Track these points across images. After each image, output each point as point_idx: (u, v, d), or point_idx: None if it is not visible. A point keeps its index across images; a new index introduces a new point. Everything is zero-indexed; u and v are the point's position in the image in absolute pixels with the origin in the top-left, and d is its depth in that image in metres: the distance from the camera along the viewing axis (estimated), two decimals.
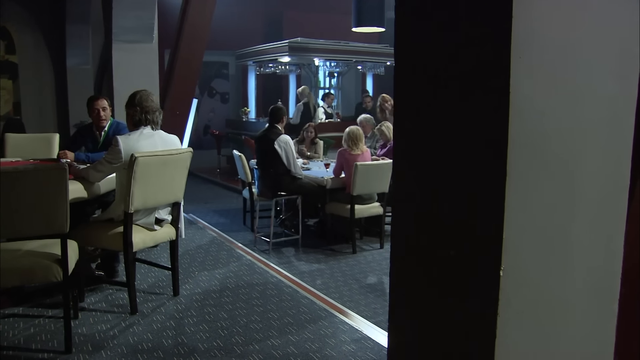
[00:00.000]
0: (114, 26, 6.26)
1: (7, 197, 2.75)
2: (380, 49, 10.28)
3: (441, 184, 1.63)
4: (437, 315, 1.67)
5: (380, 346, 3.23)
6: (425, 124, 1.67)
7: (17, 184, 2.75)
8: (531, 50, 1.40)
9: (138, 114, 3.61)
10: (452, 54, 1.51)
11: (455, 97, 1.52)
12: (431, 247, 1.73)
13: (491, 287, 1.49)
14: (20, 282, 2.95)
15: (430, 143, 1.64)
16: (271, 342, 3.23)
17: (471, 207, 1.56)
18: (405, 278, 1.86)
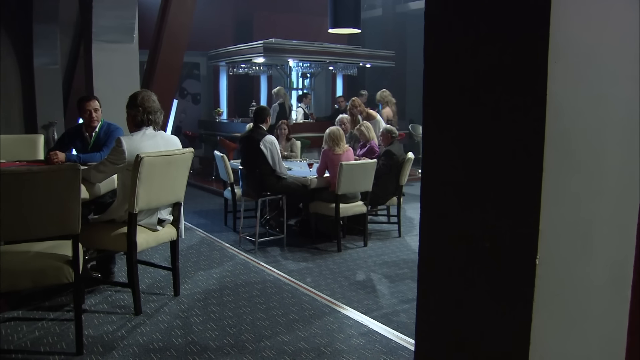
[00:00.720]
0: (94, 26, 6.18)
1: (21, 198, 2.73)
2: (353, 50, 10.43)
3: (478, 177, 1.71)
4: (470, 307, 1.74)
5: (388, 339, 3.34)
6: (463, 122, 1.76)
7: (31, 185, 2.74)
8: (565, 56, 1.51)
9: (140, 115, 3.61)
10: (492, 59, 1.60)
11: (497, 96, 1.62)
12: (463, 240, 1.82)
13: (527, 276, 1.59)
14: (32, 284, 2.93)
15: (468, 139, 1.71)
16: (281, 338, 3.30)
17: (509, 200, 1.66)
18: (435, 272, 1.95)
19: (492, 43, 1.59)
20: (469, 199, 1.74)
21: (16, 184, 2.71)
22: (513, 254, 1.64)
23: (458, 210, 1.81)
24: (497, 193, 1.65)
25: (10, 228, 2.77)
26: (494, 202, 1.67)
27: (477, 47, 1.64)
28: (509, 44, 1.57)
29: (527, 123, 1.56)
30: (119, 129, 4.77)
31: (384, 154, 6.39)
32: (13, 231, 2.80)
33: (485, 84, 1.68)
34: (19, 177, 2.71)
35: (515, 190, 1.61)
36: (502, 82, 1.61)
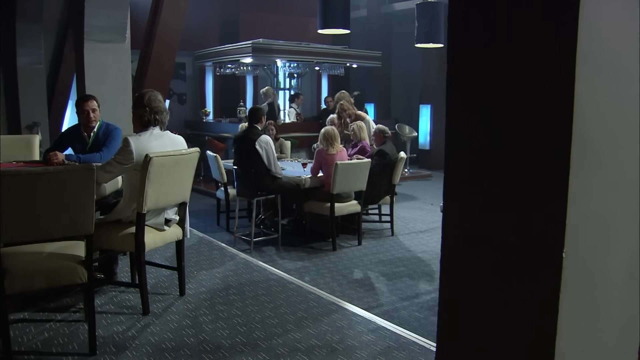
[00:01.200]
0: (86, 25, 6.14)
1: (37, 199, 2.73)
2: (340, 51, 10.50)
3: (506, 175, 1.76)
4: (495, 302, 1.78)
5: (397, 335, 3.40)
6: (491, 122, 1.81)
7: (47, 185, 2.73)
8: (591, 60, 1.58)
9: (147, 115, 3.61)
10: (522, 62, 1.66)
11: (527, 94, 1.67)
12: (488, 237, 1.87)
13: (554, 269, 1.66)
14: (46, 284, 2.91)
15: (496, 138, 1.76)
16: (292, 335, 3.34)
17: (538, 196, 1.72)
18: (458, 268, 2.00)
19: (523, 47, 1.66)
20: (495, 196, 1.80)
21: (32, 185, 2.70)
22: (540, 249, 1.71)
23: (483, 208, 1.87)
24: (525, 190, 1.71)
25: (25, 229, 2.76)
26: (522, 198, 1.73)
27: (507, 49, 1.70)
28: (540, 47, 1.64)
29: (555, 123, 1.62)
30: (118, 129, 4.75)
31: (377, 153, 6.45)
32: (28, 232, 2.79)
33: (515, 86, 1.74)
34: (35, 178, 2.71)
35: (544, 187, 1.67)
36: (531, 84, 1.68)
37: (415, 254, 5.76)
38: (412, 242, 6.24)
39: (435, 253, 5.78)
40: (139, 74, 6.88)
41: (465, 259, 1.95)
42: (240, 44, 9.43)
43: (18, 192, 2.68)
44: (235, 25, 11.55)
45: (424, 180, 10.85)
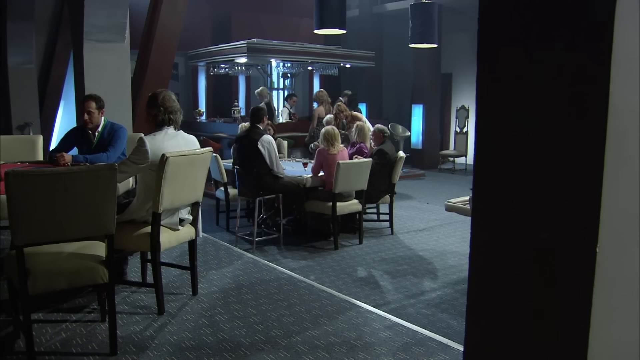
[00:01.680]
0: (86, 25, 6.10)
1: (60, 199, 2.72)
2: (334, 50, 10.54)
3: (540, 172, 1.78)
4: (525, 300, 1.79)
5: (414, 331, 3.44)
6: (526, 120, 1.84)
7: (70, 186, 2.73)
8: (624, 62, 1.63)
9: (162, 114, 3.61)
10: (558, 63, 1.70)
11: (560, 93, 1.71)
12: (518, 234, 1.90)
13: (587, 265, 1.70)
14: (68, 284, 2.91)
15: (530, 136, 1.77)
16: (310, 333, 3.37)
17: (572, 193, 1.76)
18: (487, 266, 2.03)
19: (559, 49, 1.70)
20: (526, 192, 1.84)
21: (56, 185, 2.70)
22: (572, 245, 1.75)
23: (513, 204, 1.91)
24: (558, 186, 1.75)
25: (48, 229, 2.76)
26: (554, 194, 1.77)
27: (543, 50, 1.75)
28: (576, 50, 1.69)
29: (591, 122, 1.67)
30: (123, 128, 4.75)
31: (376, 153, 6.50)
32: (51, 232, 2.78)
33: (550, 86, 1.79)
34: (59, 178, 2.70)
35: (577, 183, 1.71)
36: (567, 85, 1.72)
37: (417, 252, 5.81)
38: (412, 241, 6.30)
39: (436, 251, 5.85)
40: (138, 74, 6.85)
41: (494, 257, 1.98)
42: (235, 43, 9.43)
43: (41, 192, 2.68)
44: (227, 25, 11.54)
45: (418, 179, 10.93)
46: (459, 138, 11.56)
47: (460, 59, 12.18)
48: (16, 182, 2.60)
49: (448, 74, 12.39)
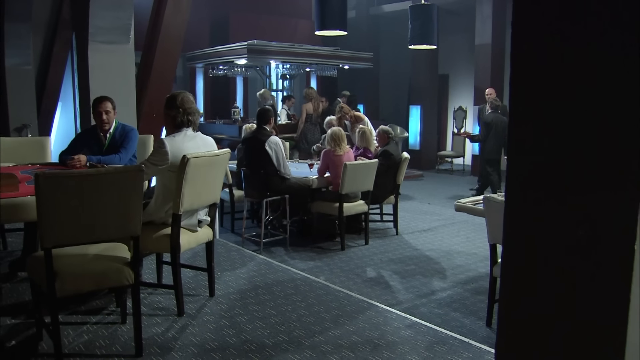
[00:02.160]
0: (91, 26, 6.08)
1: (88, 200, 2.72)
2: (333, 52, 10.57)
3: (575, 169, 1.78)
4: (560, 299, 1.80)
5: (434, 330, 3.47)
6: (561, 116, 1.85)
7: (98, 187, 2.73)
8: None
9: (180, 116, 3.61)
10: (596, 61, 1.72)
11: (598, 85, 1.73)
12: (554, 231, 1.92)
13: (625, 263, 1.73)
14: (95, 286, 2.91)
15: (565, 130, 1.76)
16: (332, 333, 3.38)
17: (609, 190, 1.78)
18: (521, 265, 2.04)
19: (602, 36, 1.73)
20: (562, 189, 1.86)
21: (83, 186, 2.69)
22: (610, 242, 1.78)
23: (549, 201, 1.93)
24: (594, 182, 1.77)
25: (75, 231, 2.75)
26: (590, 191, 1.79)
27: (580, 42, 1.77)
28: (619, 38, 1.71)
29: (629, 116, 1.70)
30: (134, 129, 4.74)
31: (381, 154, 6.54)
32: (78, 234, 2.78)
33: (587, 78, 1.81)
34: (86, 179, 2.70)
35: (616, 180, 1.73)
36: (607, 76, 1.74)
37: (423, 253, 5.85)
38: (417, 241, 6.34)
39: (442, 251, 5.89)
40: (141, 75, 6.83)
41: (529, 254, 2.00)
42: (235, 45, 9.43)
43: (71, 194, 2.67)
44: (225, 26, 11.53)
45: (417, 180, 10.99)
46: (456, 139, 11.64)
47: (457, 61, 12.27)
48: (46, 183, 2.60)
49: (445, 75, 12.48)
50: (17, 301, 3.81)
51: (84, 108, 6.27)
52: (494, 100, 8.66)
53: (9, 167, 4.44)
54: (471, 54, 11.77)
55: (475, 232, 6.78)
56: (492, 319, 3.88)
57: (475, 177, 10.72)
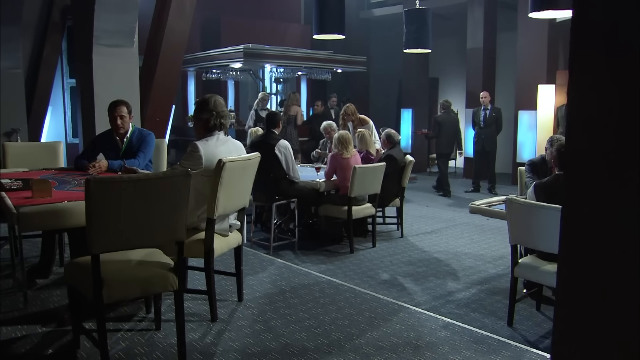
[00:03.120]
0: (95, 29, 6.01)
1: (138, 205, 2.69)
2: (327, 56, 10.61)
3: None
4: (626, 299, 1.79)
5: (470, 330, 3.52)
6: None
7: (148, 192, 2.70)
8: None
9: (213, 119, 3.59)
10: None
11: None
12: (612, 229, 1.95)
13: None
14: (140, 293, 2.87)
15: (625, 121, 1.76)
16: (370, 335, 3.40)
17: None
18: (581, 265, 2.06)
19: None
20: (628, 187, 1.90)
21: (133, 191, 2.66)
22: None
23: (612, 200, 1.97)
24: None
25: (125, 236, 2.72)
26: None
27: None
28: None
29: None
30: (151, 134, 4.70)
31: (385, 158, 6.58)
32: (126, 240, 2.74)
33: None
34: (136, 184, 2.67)
35: None
36: None
37: (431, 255, 5.90)
38: (423, 243, 6.39)
39: (450, 253, 5.95)
40: (144, 80, 6.76)
41: (590, 255, 2.03)
42: (231, 48, 9.40)
43: (121, 199, 2.64)
44: (216, 30, 11.48)
45: (410, 183, 11.01)
46: None
47: (447, 64, 12.42)
48: (97, 188, 2.56)
49: (435, 78, 12.62)
50: (42, 309, 3.74)
51: (87, 113, 6.18)
52: (444, 102, 9.66)
53: (23, 173, 4.36)
54: (460, 58, 11.93)
55: (478, 233, 6.87)
56: (512, 319, 3.94)
57: (467, 180, 10.87)
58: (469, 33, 10.79)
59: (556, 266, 3.74)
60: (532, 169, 5.19)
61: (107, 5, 5.93)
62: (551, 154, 4.99)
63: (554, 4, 5.43)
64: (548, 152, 5.07)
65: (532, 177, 5.11)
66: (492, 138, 9.21)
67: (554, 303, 1.90)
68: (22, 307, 3.74)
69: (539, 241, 3.77)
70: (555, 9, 5.46)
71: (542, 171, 5.14)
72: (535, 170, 5.16)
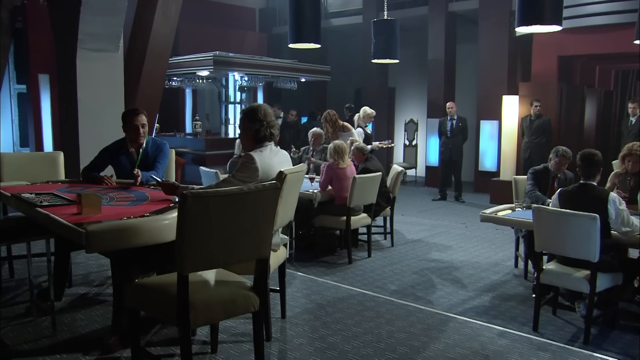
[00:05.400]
0: (80, 32, 5.68)
1: (231, 221, 2.52)
2: (293, 64, 10.54)
3: None
4: None
5: (527, 337, 3.56)
6: None
7: (242, 206, 2.53)
8: None
9: (264, 129, 3.42)
10: None
11: None
12: None
13: None
14: (225, 316, 2.67)
15: None
16: (434, 347, 3.36)
17: None
18: None
19: None
20: None
21: (229, 206, 2.49)
22: None
23: None
24: None
25: (215, 254, 2.53)
26: None
27: None
28: None
29: None
30: (166, 144, 4.47)
31: (361, 172, 6.51)
32: (216, 258, 2.56)
33: None
34: (234, 199, 2.49)
35: None
36: None
37: (429, 264, 5.90)
38: (415, 252, 6.41)
39: (445, 261, 5.99)
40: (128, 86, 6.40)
41: None
42: (200, 55, 9.12)
43: (216, 215, 2.46)
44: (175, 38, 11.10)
45: None
46: (408, 151, 11.98)
47: (404, 74, 12.66)
48: (194, 204, 2.37)
49: (392, 88, 12.82)
50: (74, 335, 3.43)
51: (69, 120, 5.77)
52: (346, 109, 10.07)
53: (26, 187, 3.98)
54: (417, 68, 12.20)
55: (463, 241, 6.99)
56: (538, 324, 4.00)
57: (429, 188, 11.09)
58: (430, 44, 11.06)
59: (585, 272, 3.89)
60: (535, 177, 5.36)
61: (93, 7, 5.59)
62: (556, 164, 5.18)
63: (541, 19, 5.64)
64: (552, 162, 5.25)
65: (534, 184, 5.28)
66: (459, 147, 9.44)
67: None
68: (50, 334, 3.41)
69: (569, 248, 3.88)
70: (542, 24, 5.66)
71: (543, 180, 5.32)
72: (537, 179, 5.33)
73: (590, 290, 3.76)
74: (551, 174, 5.31)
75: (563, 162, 5.19)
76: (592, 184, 4.17)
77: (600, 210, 3.77)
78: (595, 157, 4.13)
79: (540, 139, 8.83)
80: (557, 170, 5.24)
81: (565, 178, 5.36)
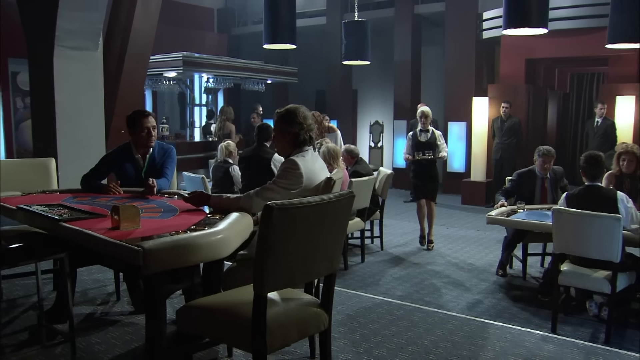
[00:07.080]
0: (58, 29, 5.26)
1: (314, 235, 2.32)
2: (259, 66, 10.27)
3: None
4: None
5: (572, 342, 3.52)
6: None
7: (323, 218, 2.33)
8: None
9: (304, 133, 3.19)
10: None
11: None
12: None
13: None
14: (298, 337, 2.44)
15: None
16: (484, 355, 3.27)
17: None
18: None
19: None
20: None
21: (314, 219, 2.28)
22: None
23: None
24: None
25: (296, 271, 2.32)
26: None
27: None
28: None
29: None
30: (173, 148, 4.17)
31: (351, 175, 6.41)
32: (296, 275, 2.34)
33: None
34: (316, 210, 2.28)
35: None
36: None
37: (426, 267, 5.83)
38: (408, 256, 6.33)
39: (441, 264, 5.95)
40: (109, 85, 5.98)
41: None
42: (168, 55, 8.70)
43: (299, 228, 2.24)
44: None
45: None
46: (373, 152, 11.95)
47: (366, 76, 12.63)
48: (281, 216, 2.14)
49: (354, 90, 12.76)
50: None
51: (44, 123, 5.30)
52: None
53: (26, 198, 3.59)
54: (380, 70, 12.20)
55: (450, 243, 6.98)
56: (556, 326, 3.99)
57: (398, 190, 11.09)
58: (396, 46, 11.08)
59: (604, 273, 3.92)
60: (518, 178, 5.44)
61: (73, 3, 5.17)
62: (541, 163, 5.25)
63: (529, 21, 5.70)
64: (537, 163, 5.32)
65: (512, 187, 5.42)
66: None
67: None
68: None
69: (591, 249, 3.90)
70: (530, 27, 5.72)
71: (526, 183, 5.38)
72: (519, 181, 5.41)
73: (611, 290, 3.79)
74: (539, 176, 5.37)
75: (547, 160, 5.28)
76: (599, 185, 4.28)
77: (611, 210, 3.86)
78: (599, 159, 4.23)
79: (511, 140, 9.00)
80: (543, 170, 5.32)
81: (555, 175, 5.43)
